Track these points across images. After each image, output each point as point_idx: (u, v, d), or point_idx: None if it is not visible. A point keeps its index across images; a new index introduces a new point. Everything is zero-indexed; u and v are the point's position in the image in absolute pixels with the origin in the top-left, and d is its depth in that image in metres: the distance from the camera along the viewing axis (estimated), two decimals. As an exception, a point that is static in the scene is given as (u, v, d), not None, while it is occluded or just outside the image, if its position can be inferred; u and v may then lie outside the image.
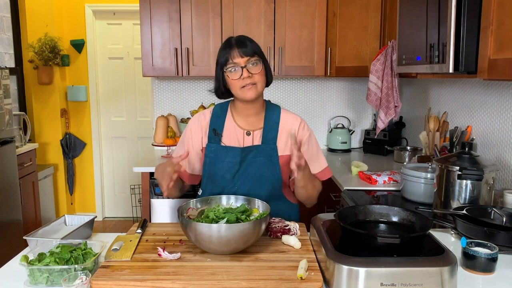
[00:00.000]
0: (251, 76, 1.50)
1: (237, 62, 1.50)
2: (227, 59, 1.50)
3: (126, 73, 4.54)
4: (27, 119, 3.70)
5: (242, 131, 1.61)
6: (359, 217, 1.35)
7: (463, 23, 1.52)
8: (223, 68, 1.53)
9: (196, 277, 1.12)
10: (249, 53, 1.50)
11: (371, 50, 2.83)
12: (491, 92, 2.04)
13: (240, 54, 1.49)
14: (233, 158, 1.57)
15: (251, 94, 1.51)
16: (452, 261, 1.07)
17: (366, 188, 2.21)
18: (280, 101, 3.44)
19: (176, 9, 2.95)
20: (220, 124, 1.62)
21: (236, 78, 1.50)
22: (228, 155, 1.57)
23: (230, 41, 1.55)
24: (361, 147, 3.40)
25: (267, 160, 1.58)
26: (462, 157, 1.61)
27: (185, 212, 1.36)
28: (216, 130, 1.61)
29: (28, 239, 1.34)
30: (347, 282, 1.04)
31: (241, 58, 1.49)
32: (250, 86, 1.50)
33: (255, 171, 1.58)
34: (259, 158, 1.57)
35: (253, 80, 1.50)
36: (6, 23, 3.74)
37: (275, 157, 1.58)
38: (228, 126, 1.62)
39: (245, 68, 1.49)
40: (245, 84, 1.50)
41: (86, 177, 4.63)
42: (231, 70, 1.51)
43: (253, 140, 1.60)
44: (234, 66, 1.50)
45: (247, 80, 1.50)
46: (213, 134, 1.61)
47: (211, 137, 1.61)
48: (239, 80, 1.50)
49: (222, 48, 1.55)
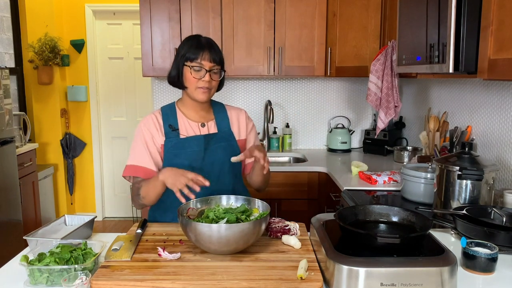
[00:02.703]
0: (210, 81, 1.58)
1: (203, 64, 1.56)
2: (196, 57, 1.56)
3: (126, 73, 4.54)
4: (27, 119, 3.70)
5: (196, 124, 1.68)
6: (359, 217, 1.35)
7: (463, 23, 1.52)
8: (186, 62, 1.57)
9: (196, 277, 1.12)
10: (217, 61, 1.59)
11: (371, 50, 2.82)
12: (491, 92, 2.04)
13: (209, 59, 1.57)
14: (197, 147, 1.63)
15: (203, 97, 1.60)
16: (452, 261, 1.07)
17: (366, 188, 2.21)
18: (280, 101, 3.45)
19: (176, 9, 2.95)
20: (173, 120, 1.66)
21: (198, 77, 1.57)
22: (192, 145, 1.63)
23: (201, 41, 1.60)
24: (361, 147, 3.40)
25: (228, 145, 1.69)
26: (462, 157, 1.61)
27: (185, 212, 1.36)
28: (172, 125, 1.65)
29: (28, 239, 1.34)
30: (347, 282, 1.04)
31: (209, 62, 1.57)
32: (206, 90, 1.59)
33: (220, 156, 1.65)
34: (220, 143, 1.67)
35: (210, 85, 1.59)
36: (6, 23, 3.74)
37: (234, 141, 1.71)
38: (181, 122, 1.67)
39: (209, 73, 1.57)
40: (202, 86, 1.58)
41: (86, 177, 4.63)
42: (195, 69, 1.56)
43: (209, 129, 1.69)
44: (200, 66, 1.57)
45: (206, 84, 1.57)
46: (169, 129, 1.64)
47: (168, 133, 1.64)
48: (198, 80, 1.57)
49: (191, 45, 1.58)
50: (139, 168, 1.61)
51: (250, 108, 3.44)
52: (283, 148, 3.40)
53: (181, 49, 1.60)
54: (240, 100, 3.44)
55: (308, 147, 3.51)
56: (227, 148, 1.68)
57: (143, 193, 1.56)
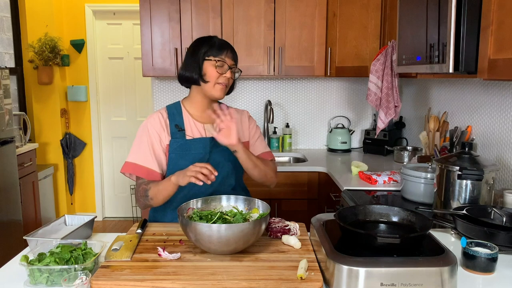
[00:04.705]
0: (230, 78, 1.63)
1: (226, 61, 1.60)
2: (220, 54, 1.60)
3: (126, 73, 4.54)
4: (27, 119, 3.70)
5: (202, 125, 1.68)
6: (359, 217, 1.35)
7: (463, 23, 1.52)
8: (209, 57, 1.59)
9: (196, 277, 1.12)
10: (236, 61, 1.66)
11: (371, 50, 2.83)
12: (491, 92, 2.04)
13: (231, 57, 1.63)
14: (203, 149, 1.63)
15: (221, 93, 1.62)
16: (452, 261, 1.07)
17: (366, 188, 2.21)
18: (280, 101, 3.45)
19: (176, 9, 2.95)
20: (179, 120, 1.66)
21: (220, 72, 1.60)
22: (198, 147, 1.63)
23: (221, 40, 1.64)
24: (361, 147, 3.40)
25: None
26: (462, 157, 1.61)
27: (185, 212, 1.36)
28: (178, 125, 1.65)
29: (28, 239, 1.34)
30: (347, 282, 1.04)
31: (231, 60, 1.62)
32: (223, 86, 1.62)
33: (225, 158, 1.66)
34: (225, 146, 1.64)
35: (229, 82, 1.63)
36: (6, 23, 3.73)
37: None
38: (187, 122, 1.67)
39: (230, 70, 1.62)
40: (222, 82, 1.60)
41: (86, 177, 4.63)
42: (219, 65, 1.59)
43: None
44: (223, 62, 1.60)
45: (226, 80, 1.61)
46: (176, 129, 1.64)
47: (174, 133, 1.64)
48: (220, 76, 1.59)
49: (213, 43, 1.61)
50: (141, 168, 1.60)
51: (250, 108, 3.44)
52: (283, 148, 3.40)
53: (200, 47, 1.61)
54: (240, 100, 3.44)
55: (308, 147, 3.51)
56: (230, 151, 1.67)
57: (152, 194, 1.55)
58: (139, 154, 1.62)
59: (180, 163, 1.60)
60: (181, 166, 1.57)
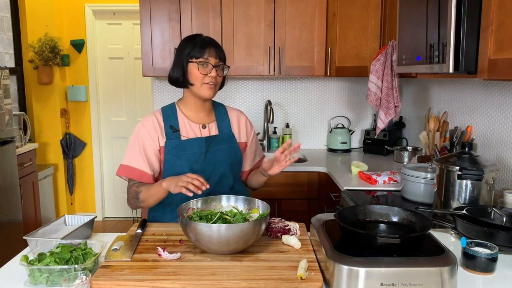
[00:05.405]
0: (216, 76, 1.60)
1: (210, 60, 1.59)
2: (202, 54, 1.58)
3: (126, 73, 4.54)
4: (27, 119, 3.70)
5: (197, 125, 1.68)
6: (359, 217, 1.35)
7: (463, 23, 1.52)
8: (192, 59, 1.59)
9: (196, 277, 1.12)
10: (222, 58, 1.63)
11: (371, 50, 2.83)
12: (491, 92, 2.04)
13: (215, 55, 1.60)
14: (199, 149, 1.63)
15: (210, 92, 1.61)
16: (452, 261, 1.07)
17: (366, 188, 2.21)
18: (280, 101, 3.45)
19: (176, 9, 2.95)
20: (174, 121, 1.66)
21: (204, 73, 1.58)
22: (193, 146, 1.63)
23: (204, 39, 1.63)
24: (361, 147, 3.40)
25: (229, 146, 1.70)
26: (462, 157, 1.61)
27: (185, 212, 1.36)
28: (173, 126, 1.65)
29: (28, 239, 1.34)
30: (347, 282, 1.05)
31: (214, 59, 1.60)
32: (212, 86, 1.60)
33: (222, 157, 1.66)
34: (221, 145, 1.67)
35: (216, 81, 1.61)
36: (6, 23, 3.73)
37: (235, 142, 1.72)
38: (182, 123, 1.67)
39: (215, 68, 1.59)
40: (209, 81, 1.59)
41: (86, 177, 4.63)
42: (202, 64, 1.58)
43: (210, 131, 1.69)
44: (206, 62, 1.58)
45: (212, 79, 1.59)
46: (171, 131, 1.64)
47: (169, 134, 1.64)
48: (205, 76, 1.58)
49: (195, 43, 1.60)
50: (133, 169, 1.61)
51: (250, 108, 3.44)
52: (283, 148, 3.39)
53: (184, 48, 1.61)
54: (240, 100, 3.44)
55: (308, 147, 3.51)
56: (228, 150, 1.68)
57: (143, 197, 1.56)
58: (131, 156, 1.63)
59: (176, 163, 1.61)
60: (177, 166, 1.59)
